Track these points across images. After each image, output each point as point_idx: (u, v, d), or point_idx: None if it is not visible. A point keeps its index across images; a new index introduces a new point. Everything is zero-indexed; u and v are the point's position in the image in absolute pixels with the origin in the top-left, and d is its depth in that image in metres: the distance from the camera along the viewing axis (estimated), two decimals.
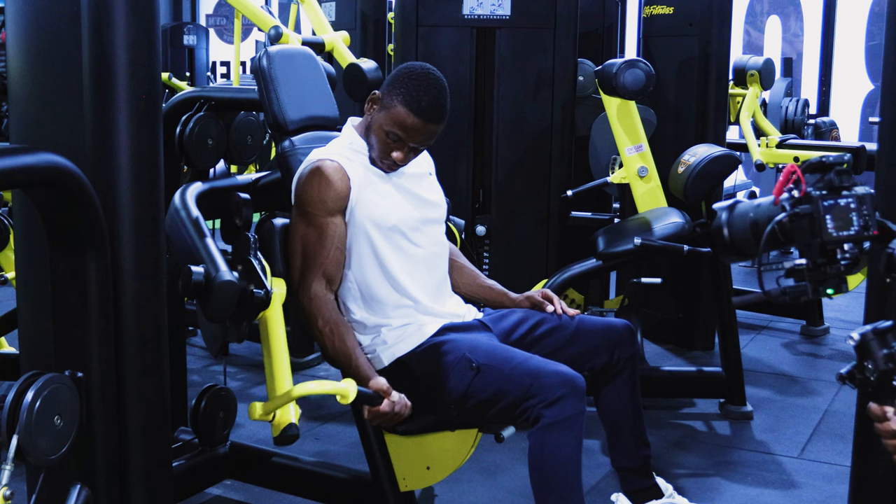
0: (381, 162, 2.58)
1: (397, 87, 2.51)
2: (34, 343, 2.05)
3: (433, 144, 2.61)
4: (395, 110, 2.50)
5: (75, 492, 1.84)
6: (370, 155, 2.60)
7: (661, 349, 4.75)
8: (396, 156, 2.54)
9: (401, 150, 2.54)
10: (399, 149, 2.54)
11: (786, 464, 3.46)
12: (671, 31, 4.68)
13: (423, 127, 2.50)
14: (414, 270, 2.59)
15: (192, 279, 2.28)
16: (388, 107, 2.52)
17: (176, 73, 6.94)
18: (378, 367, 2.55)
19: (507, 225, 4.07)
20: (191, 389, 3.30)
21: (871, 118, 6.13)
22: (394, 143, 2.53)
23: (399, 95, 2.50)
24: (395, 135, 2.52)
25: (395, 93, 2.51)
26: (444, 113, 2.52)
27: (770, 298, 1.72)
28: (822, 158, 1.74)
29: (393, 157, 2.54)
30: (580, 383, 2.35)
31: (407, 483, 2.62)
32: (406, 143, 2.53)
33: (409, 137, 2.52)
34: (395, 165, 2.57)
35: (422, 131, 2.51)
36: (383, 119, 2.53)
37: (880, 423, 1.61)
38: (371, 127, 2.58)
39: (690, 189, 3.60)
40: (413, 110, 2.48)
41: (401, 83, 2.52)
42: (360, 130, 2.65)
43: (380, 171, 2.60)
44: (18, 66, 1.95)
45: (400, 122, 2.50)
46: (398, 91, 2.51)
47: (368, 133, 2.60)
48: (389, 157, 2.55)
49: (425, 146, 2.58)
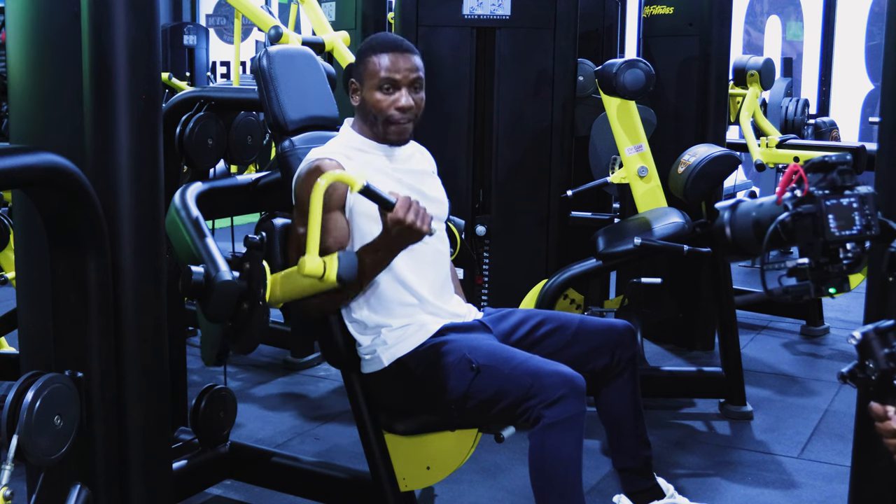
0: (391, 127, 2.57)
1: (360, 55, 2.61)
2: (34, 343, 2.05)
3: (433, 144, 2.60)
4: (369, 65, 2.56)
5: (75, 492, 1.84)
6: (376, 135, 2.59)
7: (661, 349, 4.75)
8: (401, 102, 2.54)
9: (399, 92, 2.55)
10: (397, 92, 2.55)
11: (786, 464, 3.46)
12: (671, 31, 4.68)
13: (399, 57, 2.55)
14: (418, 267, 2.58)
15: (192, 279, 2.28)
16: (362, 73, 2.58)
17: (176, 73, 6.94)
18: (378, 367, 2.54)
19: (507, 225, 4.07)
20: (191, 389, 3.30)
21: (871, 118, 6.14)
22: (390, 93, 2.55)
23: (364, 57, 2.59)
24: (385, 82, 2.54)
25: (361, 60, 2.60)
26: (405, 43, 2.59)
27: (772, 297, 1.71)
28: (825, 158, 1.74)
29: (399, 104, 2.54)
30: (580, 383, 2.35)
31: (407, 483, 2.61)
32: (400, 84, 2.55)
33: (396, 74, 2.54)
34: (405, 115, 2.56)
35: (401, 62, 2.55)
36: (368, 84, 2.57)
37: (881, 422, 1.61)
38: (364, 106, 2.59)
39: (690, 189, 3.60)
40: (379, 51, 2.55)
41: (360, 52, 2.62)
42: (357, 127, 2.65)
43: (380, 168, 2.58)
44: (18, 66, 1.95)
45: (377, 68, 2.54)
46: (361, 56, 2.60)
47: (365, 116, 2.60)
48: (396, 109, 2.55)
49: (418, 83, 2.58)
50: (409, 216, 2.31)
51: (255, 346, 2.43)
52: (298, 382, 4.28)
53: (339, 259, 2.29)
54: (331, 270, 2.28)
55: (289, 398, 4.09)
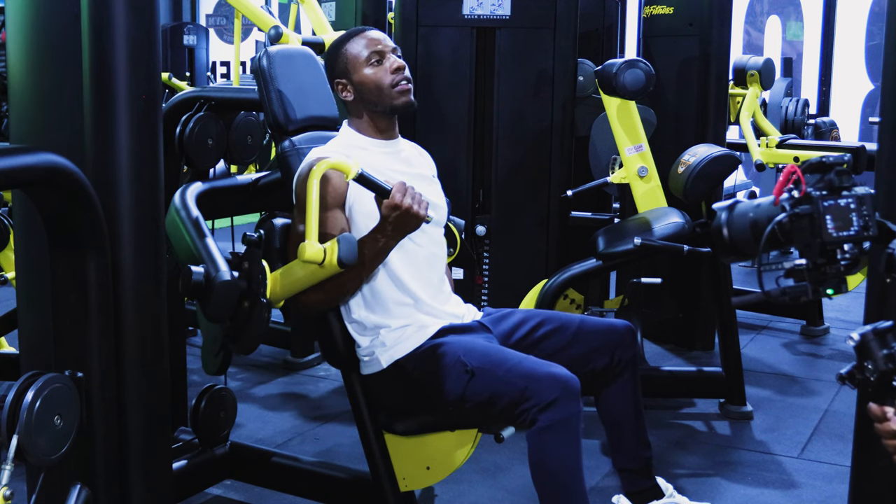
0: (395, 92, 2.60)
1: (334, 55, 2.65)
2: (34, 343, 2.05)
3: (433, 145, 2.60)
4: (349, 55, 2.62)
5: (75, 492, 1.84)
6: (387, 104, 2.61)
7: (661, 349, 4.75)
8: (397, 64, 2.60)
9: (387, 59, 2.60)
10: (386, 60, 2.60)
11: (786, 464, 3.46)
12: (671, 31, 4.68)
13: (370, 35, 2.63)
14: (414, 269, 2.59)
15: (192, 279, 2.28)
16: (346, 66, 2.62)
17: (176, 73, 6.94)
18: (376, 369, 2.54)
19: (507, 225, 4.07)
20: (191, 389, 3.30)
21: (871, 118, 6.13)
22: (381, 63, 2.60)
23: (338, 52, 2.64)
24: (372, 57, 2.60)
25: (337, 57, 2.64)
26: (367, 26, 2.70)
27: (770, 299, 1.71)
28: (823, 159, 1.73)
29: (395, 66, 2.59)
30: (573, 384, 2.33)
31: (407, 483, 2.61)
32: (384, 52, 2.61)
33: (377, 45, 2.61)
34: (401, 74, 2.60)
35: (376, 36, 2.62)
36: (356, 71, 2.60)
37: (880, 423, 1.61)
38: (361, 91, 2.61)
39: (690, 189, 3.60)
40: (348, 39, 2.63)
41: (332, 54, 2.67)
42: (355, 125, 2.65)
43: (382, 166, 2.58)
44: (18, 66, 1.95)
45: (359, 50, 2.60)
46: (336, 55, 2.65)
47: (366, 102, 2.62)
48: (395, 75, 2.59)
49: (397, 51, 2.64)
50: (405, 200, 2.32)
51: (256, 345, 2.43)
52: (298, 382, 4.28)
53: (339, 242, 2.29)
54: (332, 255, 2.28)
55: (289, 398, 4.09)
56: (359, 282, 2.50)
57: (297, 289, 2.43)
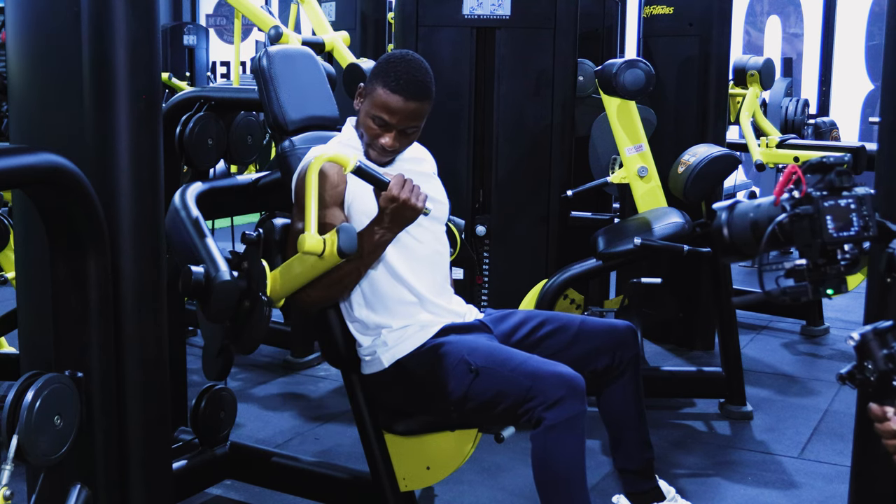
0: (372, 150, 2.57)
1: (378, 73, 2.54)
2: (34, 343, 2.05)
3: (433, 144, 2.60)
4: (377, 93, 2.51)
5: (75, 492, 1.85)
6: (364, 148, 2.60)
7: (661, 349, 4.75)
8: (385, 141, 2.53)
9: (388, 134, 2.53)
10: (386, 133, 2.53)
11: (786, 464, 3.46)
12: (671, 31, 4.68)
13: (405, 105, 2.50)
14: (416, 267, 2.59)
15: (192, 279, 2.28)
16: (370, 93, 2.54)
17: (176, 73, 6.94)
18: (378, 369, 2.54)
19: (507, 225, 4.07)
20: (191, 389, 3.30)
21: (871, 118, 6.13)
22: (380, 128, 2.53)
23: (379, 79, 2.52)
24: (379, 119, 2.52)
25: (376, 78, 2.53)
26: (424, 90, 2.52)
27: (770, 299, 1.71)
28: (823, 159, 1.73)
29: (381, 143, 2.54)
30: (579, 383, 2.34)
31: (407, 483, 2.62)
32: (392, 127, 2.52)
33: (392, 118, 2.51)
34: (385, 152, 2.56)
35: (404, 111, 2.50)
36: (368, 106, 2.54)
37: (880, 423, 1.61)
38: (360, 117, 2.59)
39: (690, 189, 3.60)
40: (392, 89, 2.49)
41: (380, 68, 2.55)
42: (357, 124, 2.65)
43: (382, 166, 2.59)
44: (18, 66, 1.95)
45: (381, 103, 2.50)
46: (378, 76, 2.53)
47: (359, 125, 2.61)
48: (378, 144, 2.54)
49: (413, 129, 2.56)
50: (403, 192, 2.33)
51: (256, 345, 2.43)
52: (298, 382, 4.28)
53: (339, 232, 2.28)
54: (332, 245, 2.27)
55: (289, 398, 4.09)
56: (357, 276, 2.50)
57: (297, 285, 2.43)
